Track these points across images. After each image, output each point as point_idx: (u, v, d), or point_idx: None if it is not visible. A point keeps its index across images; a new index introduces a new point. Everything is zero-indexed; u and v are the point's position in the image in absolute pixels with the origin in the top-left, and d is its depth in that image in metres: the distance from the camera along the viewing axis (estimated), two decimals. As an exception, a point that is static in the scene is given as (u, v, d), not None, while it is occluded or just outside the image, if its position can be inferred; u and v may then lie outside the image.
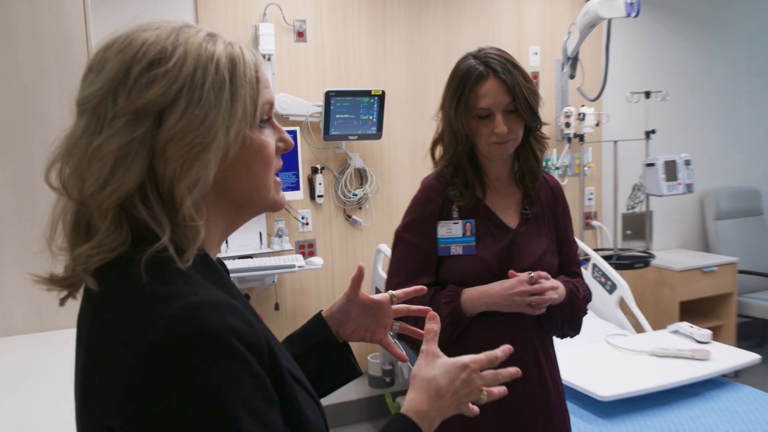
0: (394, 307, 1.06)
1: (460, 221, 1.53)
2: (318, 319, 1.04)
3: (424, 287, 1.07)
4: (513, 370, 0.91)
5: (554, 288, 1.47)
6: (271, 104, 0.77)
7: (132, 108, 0.67)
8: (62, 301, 0.77)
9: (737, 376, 3.78)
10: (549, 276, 1.48)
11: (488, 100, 1.46)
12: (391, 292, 1.06)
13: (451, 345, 1.56)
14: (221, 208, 0.76)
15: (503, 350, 0.92)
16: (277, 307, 3.24)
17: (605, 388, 2.33)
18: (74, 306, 1.96)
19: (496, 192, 1.57)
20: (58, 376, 1.65)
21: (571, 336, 1.63)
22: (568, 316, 1.56)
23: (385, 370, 3.31)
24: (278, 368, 0.71)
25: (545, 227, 1.59)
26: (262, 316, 3.19)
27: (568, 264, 1.63)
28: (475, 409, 0.91)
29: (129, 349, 0.63)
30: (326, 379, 1.04)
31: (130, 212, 0.69)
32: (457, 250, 1.52)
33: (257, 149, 0.75)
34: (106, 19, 2.85)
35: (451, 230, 1.53)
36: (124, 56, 0.69)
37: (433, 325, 0.92)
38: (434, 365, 0.88)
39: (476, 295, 1.49)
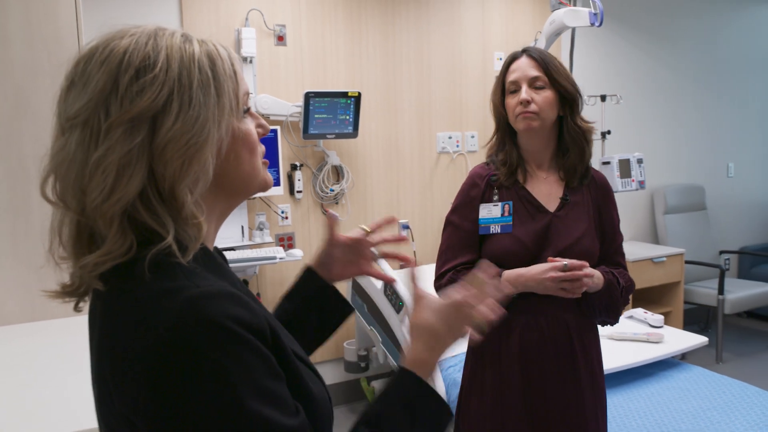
0: (370, 239, 1.09)
1: (499, 203, 1.63)
2: (308, 270, 1.08)
3: (394, 216, 1.11)
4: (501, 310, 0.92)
5: (589, 276, 1.49)
6: (247, 94, 0.79)
7: (127, 117, 0.68)
8: (76, 308, 0.78)
9: (684, 357, 4.04)
10: (586, 264, 1.50)
11: (516, 74, 1.61)
12: (362, 226, 1.10)
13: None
14: (216, 199, 0.79)
15: (485, 271, 0.92)
16: (258, 296, 3.32)
17: (570, 370, 2.51)
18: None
19: (538, 178, 1.66)
20: (50, 363, 1.69)
21: (611, 324, 1.66)
22: (605, 304, 1.59)
23: (360, 356, 3.43)
24: (281, 347, 0.73)
25: (585, 214, 1.62)
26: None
27: (612, 254, 1.67)
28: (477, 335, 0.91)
29: (139, 344, 0.65)
30: (328, 322, 1.09)
31: (133, 217, 0.69)
32: (495, 229, 1.61)
33: (244, 138, 0.78)
34: (97, 19, 2.89)
35: (491, 211, 1.64)
36: (110, 66, 0.70)
37: (413, 269, 0.94)
38: (429, 311, 0.88)
39: (513, 276, 1.55)
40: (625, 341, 2.83)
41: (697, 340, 2.86)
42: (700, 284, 4.44)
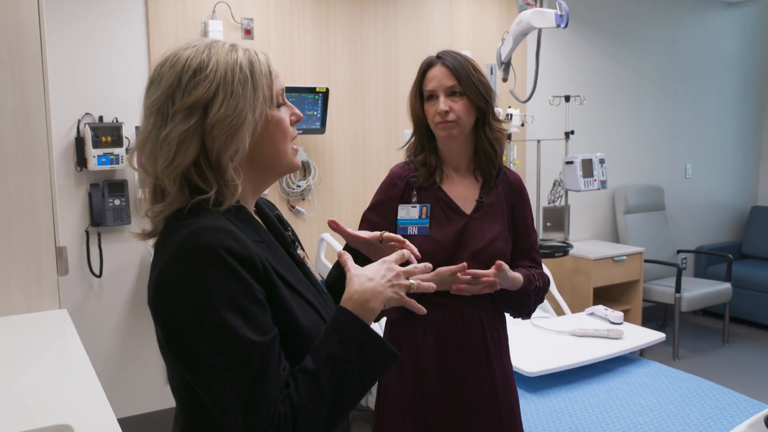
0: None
1: (417, 205, 1.68)
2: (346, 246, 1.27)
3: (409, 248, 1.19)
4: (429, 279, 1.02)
5: (491, 283, 1.54)
6: (283, 90, 1.03)
7: (186, 105, 0.93)
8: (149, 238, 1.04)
9: (642, 353, 4.15)
10: (490, 274, 1.54)
11: (433, 83, 1.65)
12: (380, 234, 1.24)
13: (402, 321, 1.71)
14: (252, 171, 1.02)
15: (410, 249, 1.11)
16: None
17: (532, 365, 2.56)
18: (23, 291, 2.03)
19: (455, 181, 1.72)
20: (17, 358, 1.70)
21: (522, 318, 1.74)
22: (517, 302, 1.68)
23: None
24: (272, 283, 0.94)
25: (499, 216, 1.70)
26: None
27: (527, 250, 1.75)
28: (421, 308, 1.03)
29: (161, 258, 0.92)
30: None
31: (188, 179, 0.95)
32: (413, 230, 1.68)
33: (276, 123, 1.00)
34: (58, 11, 2.83)
35: (410, 212, 1.69)
36: (176, 69, 0.95)
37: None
38: (363, 268, 1.02)
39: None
40: (586, 337, 2.89)
41: (655, 336, 2.94)
42: (658, 282, 4.55)
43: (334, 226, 1.19)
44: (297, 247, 1.13)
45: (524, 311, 1.72)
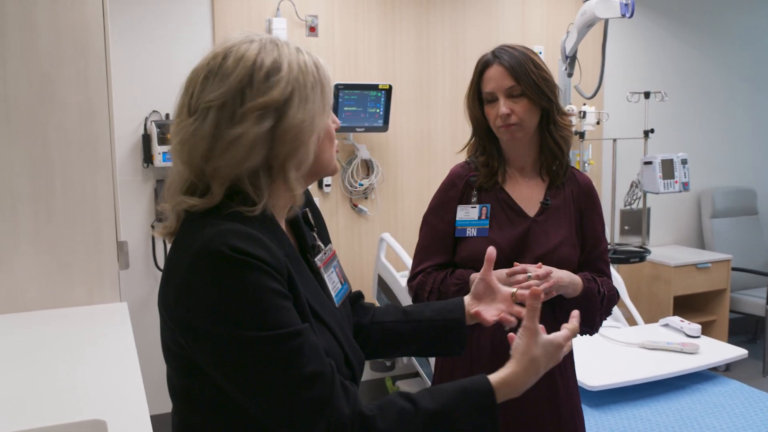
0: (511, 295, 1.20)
1: (477, 205, 1.59)
2: (460, 302, 1.20)
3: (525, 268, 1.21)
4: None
5: (550, 286, 1.42)
6: (332, 94, 0.98)
7: (261, 105, 0.87)
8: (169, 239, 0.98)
9: (728, 370, 3.87)
10: (551, 272, 1.44)
11: (491, 85, 1.54)
12: (511, 289, 1.19)
13: None
14: (303, 178, 0.95)
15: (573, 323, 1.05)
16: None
17: (595, 378, 2.41)
18: (84, 284, 2.05)
19: (519, 182, 1.62)
20: (69, 349, 1.74)
21: (589, 333, 1.62)
22: (581, 312, 1.55)
23: (386, 356, 3.40)
24: (296, 291, 0.88)
25: (566, 220, 1.59)
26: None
27: (594, 260, 1.62)
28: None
29: (181, 258, 0.86)
30: (437, 347, 1.22)
31: (236, 182, 0.89)
32: (471, 231, 1.58)
33: (329, 131, 0.97)
34: (123, 8, 2.93)
35: (469, 213, 1.60)
36: (246, 64, 0.88)
37: (535, 302, 0.99)
38: (537, 344, 0.98)
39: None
40: (657, 350, 2.70)
41: (736, 352, 2.71)
42: (748, 293, 4.27)
43: (489, 259, 1.16)
44: (317, 252, 1.06)
45: (590, 321, 1.57)
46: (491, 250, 1.15)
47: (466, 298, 1.20)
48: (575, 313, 1.07)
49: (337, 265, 1.11)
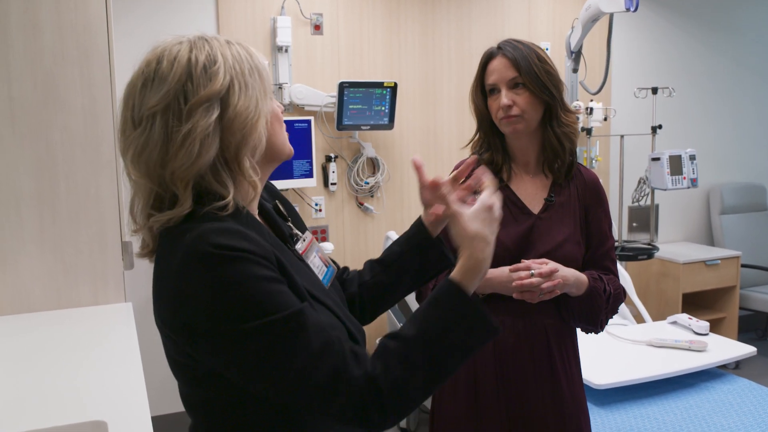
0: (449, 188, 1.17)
1: None
2: (418, 222, 1.23)
3: (474, 159, 1.19)
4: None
5: (555, 284, 1.42)
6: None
7: (205, 98, 0.87)
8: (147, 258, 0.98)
9: (737, 367, 3.84)
10: (557, 270, 1.43)
11: (494, 76, 1.54)
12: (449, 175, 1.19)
13: None
14: (262, 165, 0.96)
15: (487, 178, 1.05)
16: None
17: (601, 376, 2.39)
18: (89, 284, 2.04)
19: (523, 178, 1.61)
20: (73, 350, 1.73)
21: (594, 332, 1.60)
22: (585, 311, 1.54)
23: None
24: (288, 274, 0.89)
25: (570, 217, 1.58)
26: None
27: (600, 258, 1.60)
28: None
29: (168, 269, 0.86)
30: (427, 270, 1.22)
31: (199, 182, 0.89)
32: None
33: (275, 113, 0.98)
34: (126, 9, 2.93)
35: None
36: (181, 63, 0.89)
37: (445, 189, 1.07)
38: (468, 221, 0.98)
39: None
40: (665, 348, 2.68)
41: (745, 349, 2.68)
42: (757, 289, 4.22)
43: (417, 165, 1.15)
44: (296, 240, 1.07)
45: (595, 320, 1.56)
46: (416, 159, 1.15)
47: (422, 215, 1.22)
48: (481, 169, 1.08)
49: (318, 249, 1.11)
